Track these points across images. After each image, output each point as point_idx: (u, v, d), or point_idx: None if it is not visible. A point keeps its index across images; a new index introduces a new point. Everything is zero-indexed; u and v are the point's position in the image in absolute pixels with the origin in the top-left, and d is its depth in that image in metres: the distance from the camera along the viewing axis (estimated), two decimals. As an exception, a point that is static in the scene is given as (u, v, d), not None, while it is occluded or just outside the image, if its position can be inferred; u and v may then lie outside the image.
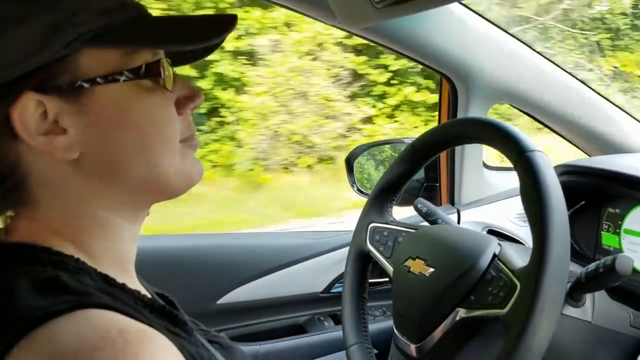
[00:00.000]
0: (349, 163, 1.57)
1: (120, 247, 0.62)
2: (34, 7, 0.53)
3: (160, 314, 0.58)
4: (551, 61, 1.38)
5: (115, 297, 0.53)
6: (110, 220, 0.60)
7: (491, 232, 1.38)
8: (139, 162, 0.59)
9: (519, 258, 0.81)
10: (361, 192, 1.54)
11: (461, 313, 0.81)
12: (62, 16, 0.53)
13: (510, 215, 1.39)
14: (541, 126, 1.52)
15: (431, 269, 0.86)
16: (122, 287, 0.57)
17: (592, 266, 0.79)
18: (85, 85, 0.54)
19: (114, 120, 0.57)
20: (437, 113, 1.55)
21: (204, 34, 0.59)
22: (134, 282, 0.64)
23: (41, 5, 0.53)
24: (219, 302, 1.34)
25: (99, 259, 0.58)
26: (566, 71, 1.41)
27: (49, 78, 0.53)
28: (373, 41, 1.29)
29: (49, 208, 0.57)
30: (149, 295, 0.61)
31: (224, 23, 0.59)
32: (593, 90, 1.44)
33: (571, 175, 1.17)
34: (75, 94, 0.54)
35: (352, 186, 1.56)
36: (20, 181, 0.56)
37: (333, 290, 1.44)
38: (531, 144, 0.79)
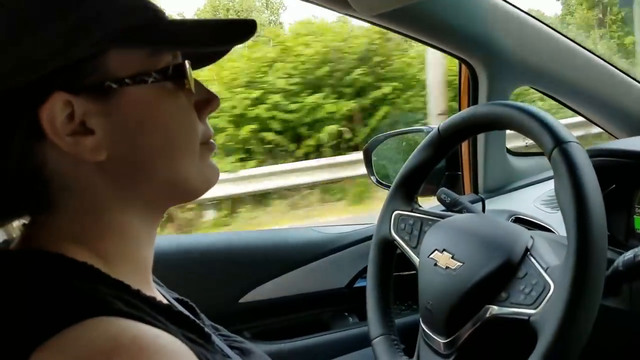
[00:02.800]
0: (367, 154, 1.55)
1: (137, 252, 0.61)
2: (60, 5, 0.52)
3: (176, 320, 0.57)
4: (574, 41, 1.34)
5: (129, 303, 0.52)
6: (128, 224, 0.60)
7: (518, 220, 1.34)
8: (163, 164, 0.59)
9: (552, 253, 0.78)
10: (380, 183, 1.52)
11: (492, 310, 0.78)
12: (89, 14, 0.53)
13: (537, 202, 1.36)
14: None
15: (459, 264, 0.83)
16: (137, 293, 0.56)
17: (629, 254, 0.76)
18: (114, 85, 0.54)
19: (141, 122, 0.57)
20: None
21: (227, 36, 0.60)
22: (149, 288, 0.63)
23: (68, 5, 0.53)
24: (241, 300, 1.33)
25: (114, 265, 0.57)
26: (590, 51, 1.37)
27: (77, 78, 0.53)
28: (389, 28, 1.26)
29: (67, 214, 0.56)
30: (164, 302, 0.60)
31: (245, 27, 0.59)
32: (619, 69, 1.40)
33: (602, 158, 1.12)
34: (103, 95, 0.54)
35: (371, 177, 1.54)
36: (43, 186, 0.55)
37: (357, 285, 1.41)
38: (568, 135, 0.75)
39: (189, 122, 0.60)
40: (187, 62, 0.59)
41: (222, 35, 0.60)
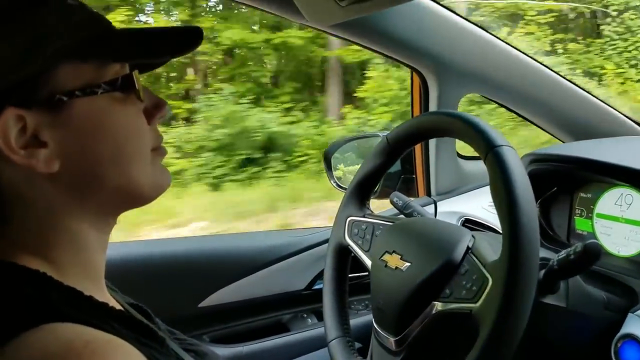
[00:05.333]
0: (327, 158, 1.58)
1: (89, 258, 0.62)
2: (10, 27, 0.54)
3: (129, 325, 0.58)
4: (519, 50, 1.40)
5: (81, 309, 0.54)
6: (80, 232, 0.61)
7: (468, 221, 1.39)
8: (115, 172, 0.60)
9: (491, 250, 0.82)
10: (340, 186, 1.55)
11: (437, 307, 0.82)
12: (39, 33, 0.54)
13: (485, 203, 1.41)
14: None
15: (407, 264, 0.87)
16: (90, 299, 0.57)
17: (563, 253, 0.80)
18: (64, 98, 0.56)
19: (92, 132, 0.58)
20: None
21: (173, 48, 0.63)
22: (102, 294, 0.64)
23: (17, 25, 0.54)
24: (201, 305, 1.34)
25: (66, 272, 0.59)
26: (536, 60, 1.43)
27: (29, 93, 0.55)
28: (343, 38, 1.30)
29: (21, 223, 0.58)
30: (117, 307, 0.62)
31: (192, 36, 0.62)
32: (564, 77, 1.46)
33: (543, 162, 1.18)
34: (53, 108, 0.56)
35: (331, 181, 1.57)
36: None
37: (315, 287, 1.45)
38: (500, 139, 0.80)
39: (138, 129, 0.62)
40: (135, 72, 0.61)
41: (166, 45, 0.63)
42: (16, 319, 0.48)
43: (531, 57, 1.42)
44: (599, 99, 1.49)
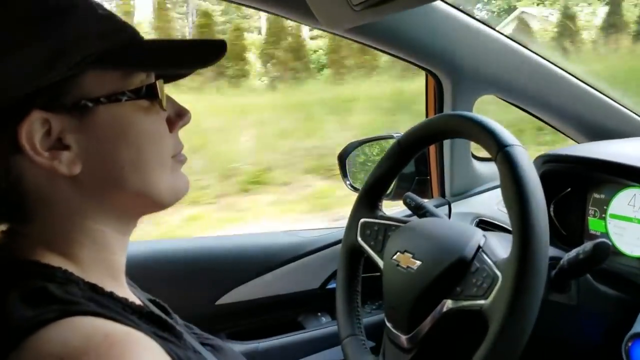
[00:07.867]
0: (342, 160, 1.59)
1: (109, 257, 0.64)
2: (40, 31, 0.56)
3: (148, 319, 0.60)
4: (533, 51, 1.40)
5: (102, 304, 0.55)
6: (101, 232, 0.63)
7: (482, 222, 1.40)
8: (135, 177, 0.62)
9: (502, 249, 0.83)
10: (355, 188, 1.56)
11: (448, 304, 0.83)
12: (68, 38, 0.56)
13: (500, 204, 1.41)
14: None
15: (418, 262, 0.89)
16: (110, 294, 0.59)
17: (572, 253, 0.81)
18: (89, 104, 0.58)
19: (114, 137, 0.60)
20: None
21: (198, 59, 0.65)
22: (123, 290, 0.66)
23: (47, 30, 0.56)
24: (218, 302, 1.37)
25: (87, 269, 0.61)
26: (550, 61, 1.43)
27: (55, 97, 0.56)
28: (357, 41, 1.31)
29: (43, 223, 0.60)
30: (137, 302, 0.64)
31: (215, 48, 0.63)
32: (578, 78, 1.47)
33: (556, 163, 1.19)
34: (78, 112, 0.57)
35: (345, 183, 1.59)
36: (20, 197, 0.58)
37: (329, 286, 1.46)
38: (510, 139, 0.81)
39: (160, 137, 0.64)
40: (159, 81, 0.63)
41: (191, 56, 0.64)
42: (39, 313, 0.50)
43: (546, 59, 1.42)
44: (614, 100, 1.49)
